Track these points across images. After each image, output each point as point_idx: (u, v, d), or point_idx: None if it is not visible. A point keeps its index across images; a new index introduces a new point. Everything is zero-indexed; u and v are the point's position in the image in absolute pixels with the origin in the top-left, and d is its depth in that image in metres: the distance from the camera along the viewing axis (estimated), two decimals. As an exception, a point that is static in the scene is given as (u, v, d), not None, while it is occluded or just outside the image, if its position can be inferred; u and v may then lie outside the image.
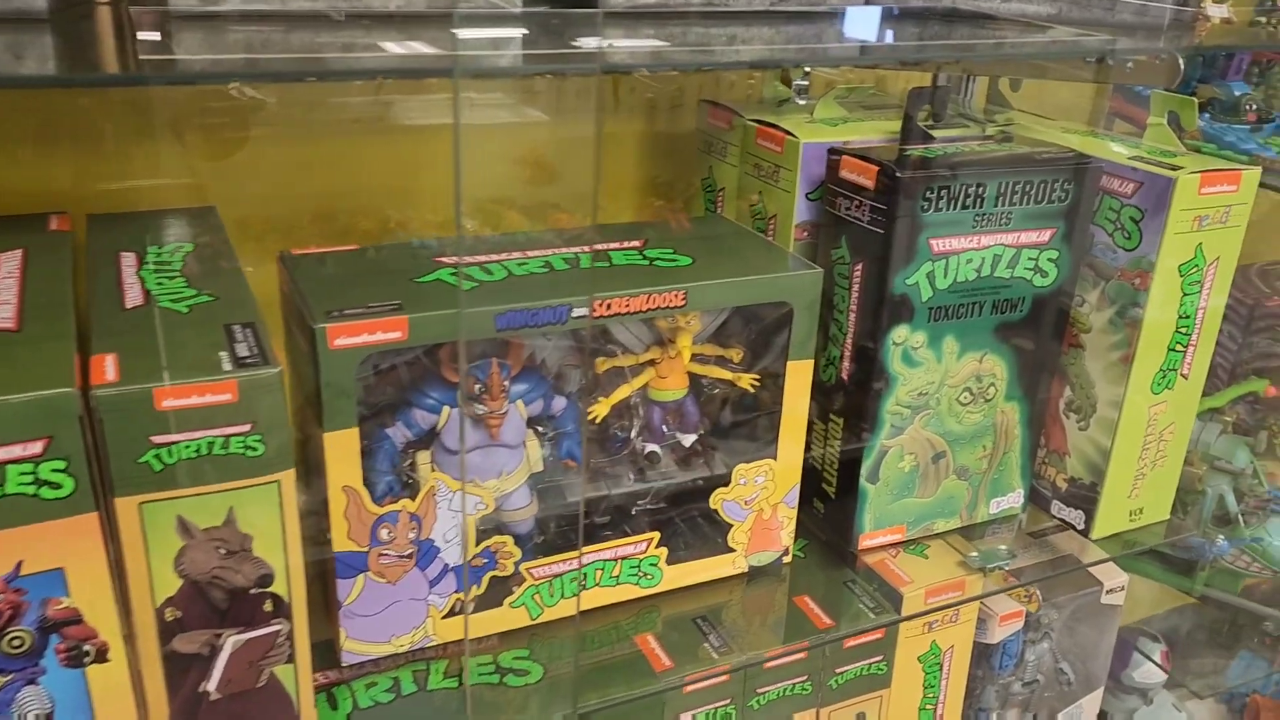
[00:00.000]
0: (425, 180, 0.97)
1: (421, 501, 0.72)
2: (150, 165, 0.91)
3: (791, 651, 0.84)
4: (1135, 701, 1.34)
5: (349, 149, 0.95)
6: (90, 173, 0.87)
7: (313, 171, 0.93)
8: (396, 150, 0.96)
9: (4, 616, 0.57)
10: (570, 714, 0.75)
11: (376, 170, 0.96)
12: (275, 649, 0.65)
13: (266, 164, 0.92)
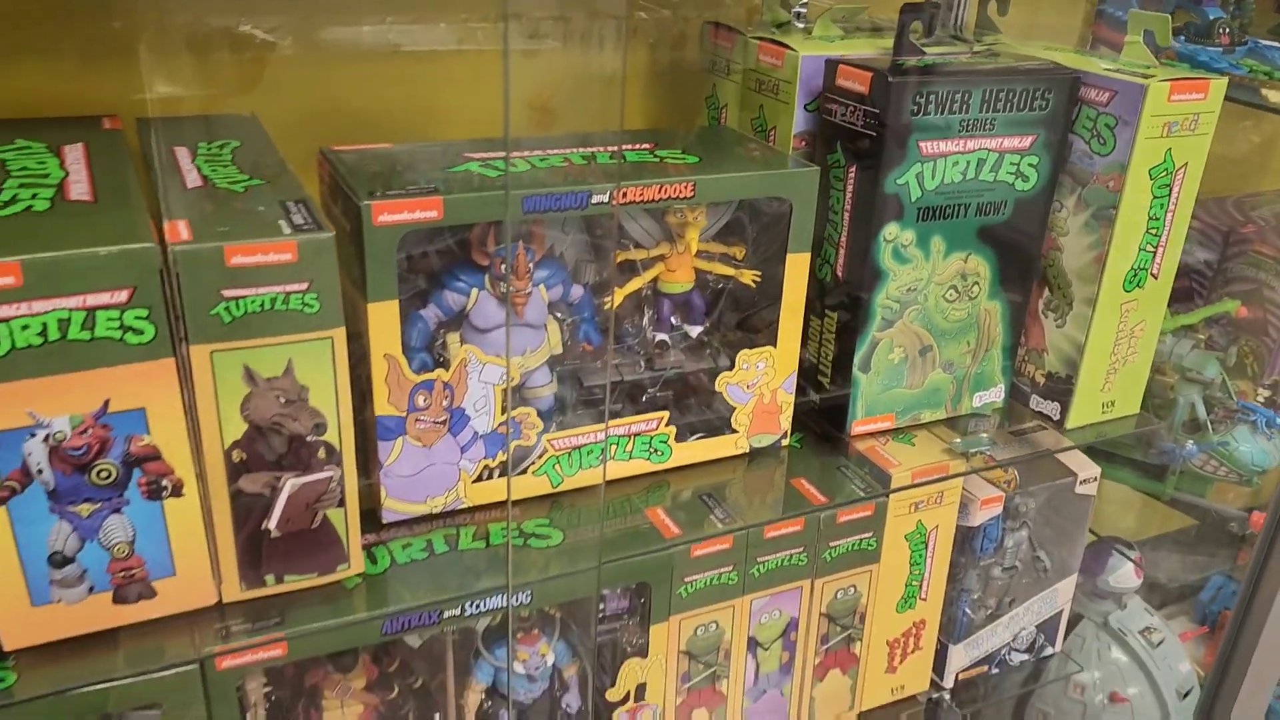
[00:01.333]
0: (447, 98, 1.04)
1: (454, 372, 0.80)
2: (187, 79, 0.97)
3: (789, 523, 0.92)
4: (1110, 606, 1.42)
5: (372, 71, 1.01)
6: (129, 85, 0.93)
7: (337, 89, 0.99)
8: (415, 72, 1.02)
9: (93, 450, 0.65)
10: (595, 567, 0.82)
11: (398, 91, 1.02)
12: (328, 493, 0.73)
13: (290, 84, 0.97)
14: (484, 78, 1.03)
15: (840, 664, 1.03)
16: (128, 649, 0.71)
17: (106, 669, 0.70)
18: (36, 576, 0.66)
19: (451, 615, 0.80)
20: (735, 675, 0.97)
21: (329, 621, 0.75)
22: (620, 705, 0.92)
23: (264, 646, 0.74)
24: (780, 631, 0.98)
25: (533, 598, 0.83)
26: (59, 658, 0.70)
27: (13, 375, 0.61)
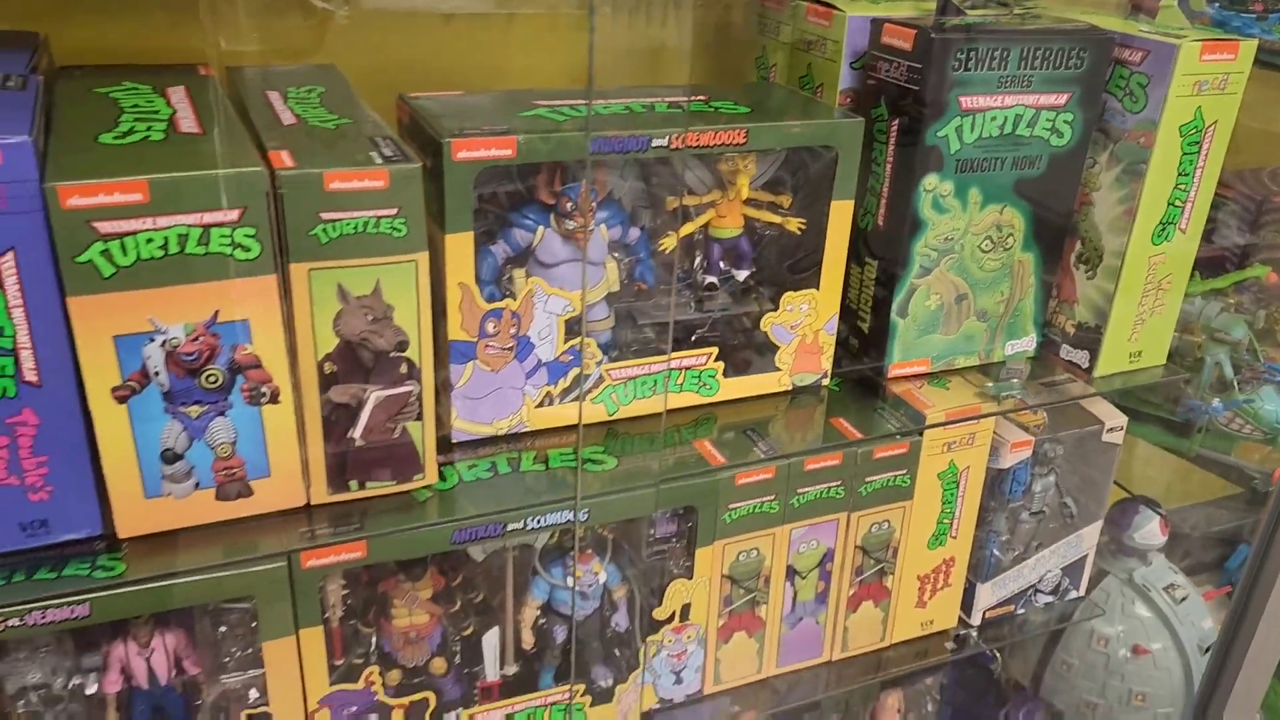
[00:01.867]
0: (514, 62, 1.10)
1: (522, 302, 0.86)
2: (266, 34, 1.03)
3: (828, 456, 0.98)
4: (1134, 562, 1.46)
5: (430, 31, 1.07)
6: (214, 38, 0.99)
7: (398, 49, 1.05)
8: (470, 34, 1.08)
9: (203, 356, 0.71)
10: (654, 483, 0.88)
11: (455, 50, 1.08)
12: (408, 406, 0.79)
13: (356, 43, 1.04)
14: (533, 39, 1.09)
15: (873, 596, 1.08)
16: (225, 544, 0.78)
17: (205, 561, 0.77)
18: (150, 471, 0.73)
19: (514, 529, 0.87)
20: (774, 601, 1.03)
21: (404, 527, 0.82)
22: (666, 624, 0.98)
23: (346, 547, 0.81)
24: (817, 561, 1.03)
25: (591, 515, 0.89)
26: (163, 550, 0.77)
27: (136, 285, 0.68)
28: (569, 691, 0.98)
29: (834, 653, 1.10)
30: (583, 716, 0.99)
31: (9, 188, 0.63)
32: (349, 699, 0.88)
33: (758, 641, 1.05)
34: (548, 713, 0.98)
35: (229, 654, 0.86)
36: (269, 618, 0.81)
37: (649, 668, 1.00)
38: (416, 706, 0.92)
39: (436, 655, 0.94)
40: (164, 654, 0.83)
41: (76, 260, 0.66)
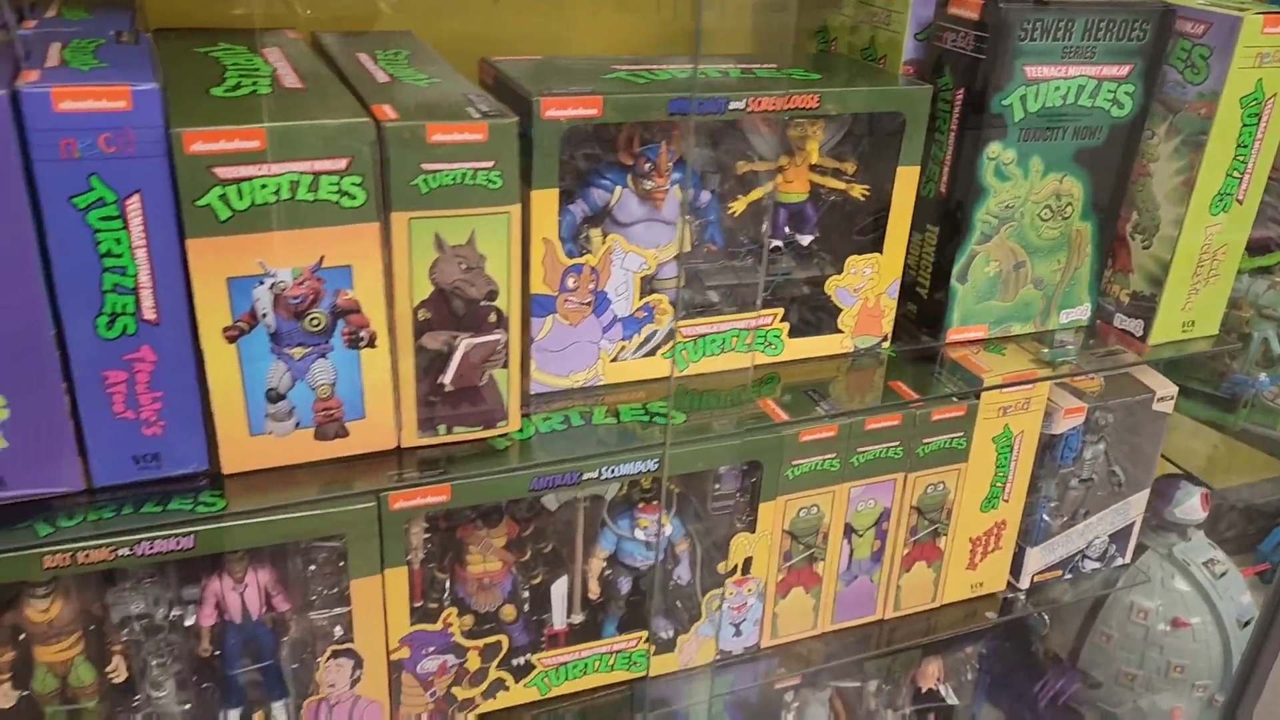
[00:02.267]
0: (577, 34, 1.13)
1: (601, 258, 0.89)
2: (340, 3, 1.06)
3: (887, 417, 1.00)
4: (1174, 538, 1.48)
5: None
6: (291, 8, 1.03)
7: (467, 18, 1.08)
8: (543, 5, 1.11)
9: (308, 299, 0.75)
10: (717, 436, 0.91)
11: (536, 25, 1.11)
12: (495, 354, 0.83)
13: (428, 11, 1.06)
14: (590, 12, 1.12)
15: (926, 556, 1.11)
16: (319, 483, 0.82)
17: (301, 498, 0.81)
18: (255, 409, 0.77)
19: (590, 478, 0.90)
20: (831, 558, 1.06)
21: (486, 470, 0.86)
22: (729, 577, 1.01)
23: (431, 490, 0.84)
24: (874, 520, 1.06)
25: (660, 465, 0.93)
26: (261, 487, 0.81)
27: (250, 229, 0.71)
28: (635, 639, 1.01)
29: (886, 611, 1.13)
30: (646, 664, 1.03)
31: (137, 133, 0.67)
32: (428, 639, 0.92)
33: (814, 597, 1.08)
34: (613, 659, 1.01)
35: (316, 592, 0.89)
36: (358, 556, 0.85)
37: (710, 620, 1.03)
38: (490, 649, 0.95)
39: (507, 602, 0.98)
40: (256, 590, 0.87)
41: (196, 203, 0.69)
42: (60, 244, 0.67)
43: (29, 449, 0.72)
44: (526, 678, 0.98)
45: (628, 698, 1.03)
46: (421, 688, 0.93)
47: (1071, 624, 1.54)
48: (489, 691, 0.97)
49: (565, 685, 1.00)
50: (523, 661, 0.98)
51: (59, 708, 0.84)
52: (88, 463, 0.75)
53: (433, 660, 0.93)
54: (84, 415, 0.73)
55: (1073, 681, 1.53)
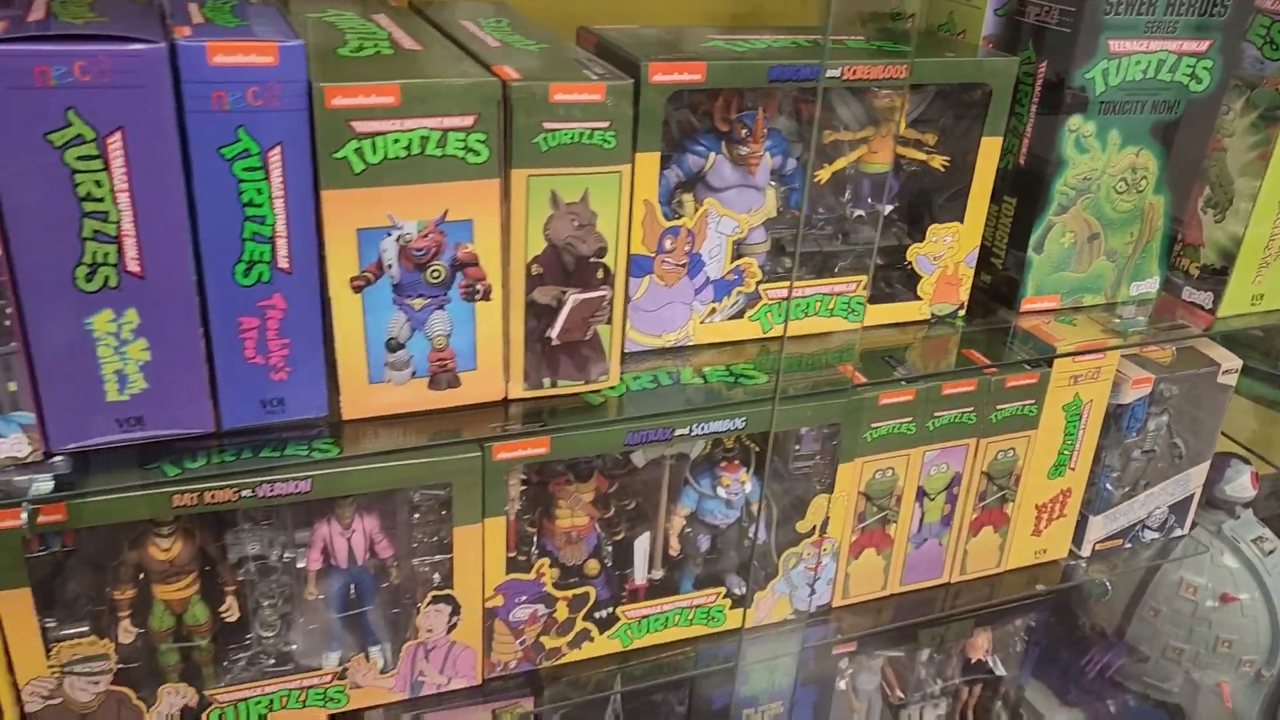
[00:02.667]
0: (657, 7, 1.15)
1: (697, 221, 0.92)
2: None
3: (963, 383, 1.03)
4: (1222, 516, 1.50)
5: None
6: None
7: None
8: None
9: (431, 252, 0.78)
10: (802, 392, 0.94)
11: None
12: (600, 310, 0.86)
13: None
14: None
15: (993, 522, 1.14)
16: (430, 432, 0.85)
17: (412, 445, 0.84)
18: (375, 358, 0.80)
19: (681, 434, 0.93)
20: (903, 521, 1.09)
21: (584, 425, 0.89)
22: (806, 537, 1.05)
23: (533, 442, 0.88)
24: (945, 484, 1.09)
25: (747, 423, 0.96)
26: (375, 435, 0.84)
27: (381, 182, 0.75)
28: (714, 595, 1.04)
29: (952, 575, 1.16)
30: (723, 618, 1.06)
31: (282, 87, 0.70)
32: (521, 588, 0.95)
33: (884, 559, 1.11)
34: (692, 614, 1.04)
35: (418, 540, 0.93)
36: (461, 505, 0.88)
37: (786, 578, 1.06)
38: (578, 600, 0.99)
39: (591, 557, 1.01)
40: (362, 536, 0.90)
41: (333, 156, 0.72)
42: (206, 193, 0.71)
43: (167, 391, 0.75)
44: (610, 629, 1.01)
45: (704, 652, 1.07)
46: (512, 635, 0.97)
47: (1119, 599, 1.57)
48: (575, 641, 1.00)
49: (646, 638, 1.04)
50: (607, 614, 1.01)
51: (172, 645, 0.88)
52: (218, 406, 0.78)
53: (524, 609, 0.96)
54: (217, 360, 0.76)
55: (1120, 655, 1.55)
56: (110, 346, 0.72)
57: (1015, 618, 1.43)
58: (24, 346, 0.71)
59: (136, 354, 0.73)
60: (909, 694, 1.40)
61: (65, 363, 0.72)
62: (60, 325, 0.71)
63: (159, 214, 0.70)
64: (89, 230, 0.69)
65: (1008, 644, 1.46)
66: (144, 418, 0.76)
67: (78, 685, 0.84)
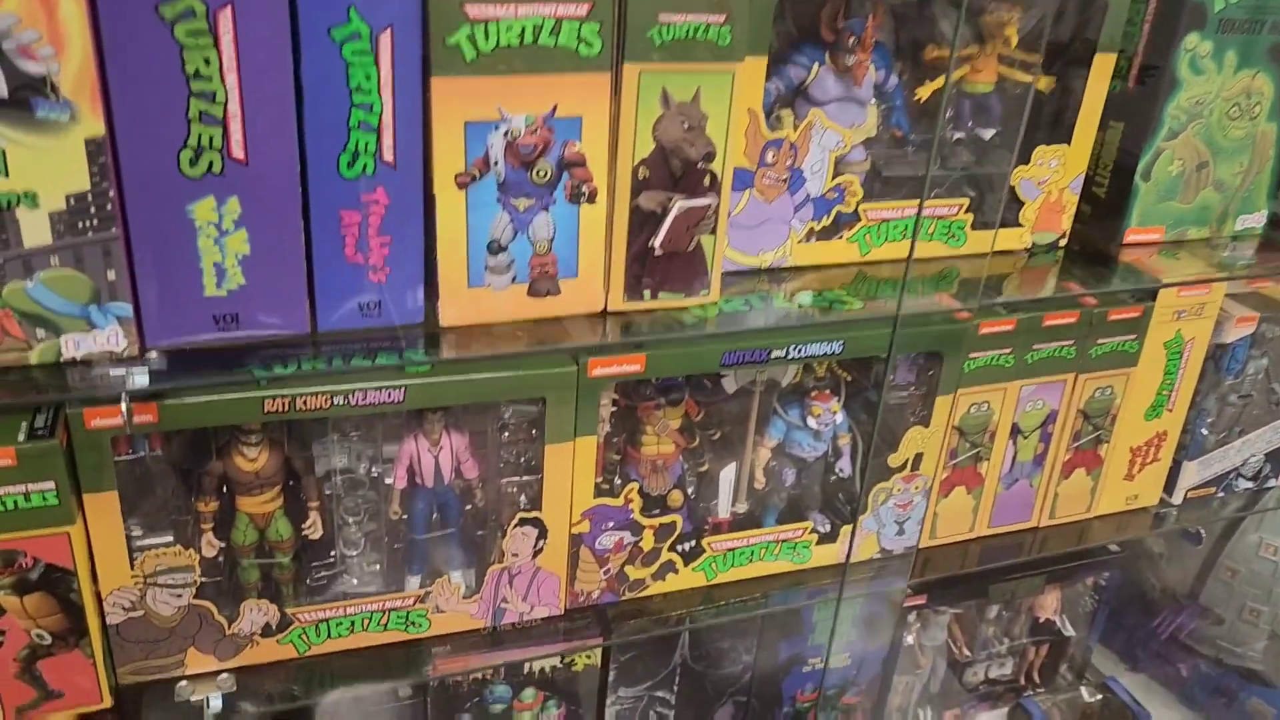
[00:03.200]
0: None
1: (800, 133, 0.88)
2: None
3: (1065, 314, 0.99)
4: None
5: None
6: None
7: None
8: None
9: (538, 149, 0.75)
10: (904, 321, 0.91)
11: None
12: (706, 219, 0.82)
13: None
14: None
15: (1086, 464, 1.10)
16: (526, 343, 0.82)
17: (505, 360, 0.82)
18: (476, 260, 0.77)
19: (778, 356, 0.90)
20: (995, 458, 1.05)
21: (682, 340, 0.86)
22: (897, 472, 1.01)
23: (628, 359, 0.85)
24: (1040, 422, 1.06)
25: (844, 348, 0.92)
26: (471, 346, 0.81)
27: (491, 70, 0.71)
28: (800, 529, 1.01)
29: (1042, 518, 1.12)
30: (809, 555, 1.03)
31: (395, -35, 0.67)
32: (609, 514, 0.92)
33: (974, 499, 1.07)
34: (778, 549, 1.01)
35: (505, 460, 0.90)
36: (554, 421, 0.85)
37: (875, 515, 1.03)
38: (665, 529, 0.96)
39: (675, 488, 0.98)
40: (450, 454, 0.87)
41: (446, 42, 0.69)
42: (315, 76, 0.68)
43: (264, 288, 0.73)
44: (695, 561, 0.98)
45: (785, 587, 1.03)
46: (597, 563, 0.94)
47: (1193, 560, 1.53)
48: (659, 573, 0.98)
49: (731, 572, 1.01)
50: (692, 545, 0.99)
51: (254, 561, 0.86)
52: (314, 306, 0.76)
53: (610, 536, 0.94)
54: (317, 256, 0.73)
55: (1193, 617, 1.51)
56: (211, 237, 0.70)
57: (1086, 575, 1.40)
58: (124, 233, 0.68)
59: (237, 246, 0.71)
60: (975, 651, 1.37)
61: (165, 252, 0.69)
62: (162, 211, 0.68)
63: (266, 96, 0.67)
64: (195, 110, 0.66)
65: (1076, 603, 1.42)
66: (240, 315, 0.73)
67: (160, 598, 0.81)
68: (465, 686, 1.05)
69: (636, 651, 1.13)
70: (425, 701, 1.05)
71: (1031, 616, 1.38)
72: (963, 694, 1.38)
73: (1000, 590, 1.32)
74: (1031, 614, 1.38)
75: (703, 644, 1.17)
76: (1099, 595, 1.43)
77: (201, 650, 0.84)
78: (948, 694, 1.36)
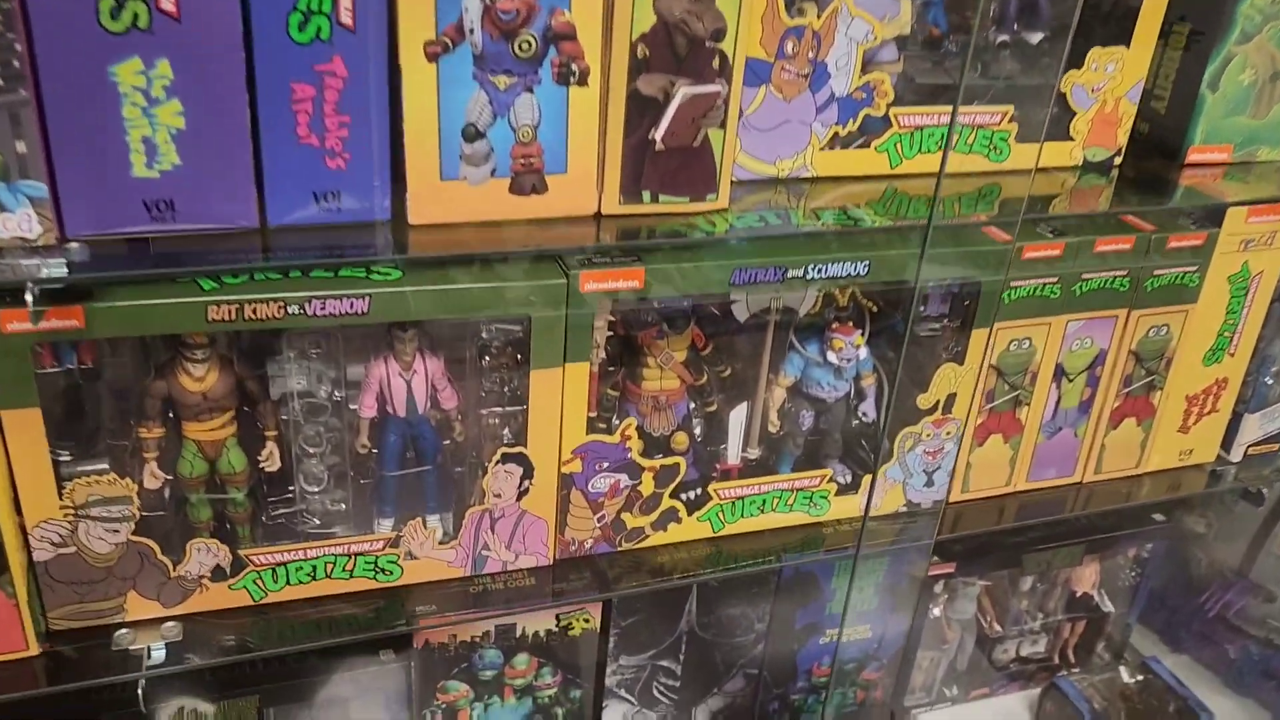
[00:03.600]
0: None
1: (824, 21, 0.78)
2: None
3: (1119, 239, 0.89)
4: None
5: None
6: None
7: None
8: None
9: (520, 16, 0.65)
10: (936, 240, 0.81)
11: None
12: (714, 110, 0.72)
13: None
14: None
15: (1137, 413, 0.99)
16: (510, 248, 0.72)
17: (489, 261, 0.72)
18: (449, 148, 0.67)
19: (794, 276, 0.80)
20: (1037, 403, 0.95)
21: (685, 257, 0.76)
22: (927, 415, 0.91)
23: (625, 273, 0.75)
24: (1088, 363, 0.95)
25: (870, 270, 0.82)
26: (445, 248, 0.71)
27: (464, -83, 0.62)
28: (818, 478, 0.91)
29: (1086, 473, 1.01)
30: (827, 506, 0.93)
31: None
32: (604, 452, 0.82)
33: (1012, 449, 0.97)
34: (793, 498, 0.91)
35: (488, 388, 0.81)
36: (541, 343, 0.75)
37: (900, 463, 0.93)
38: (666, 473, 0.86)
39: (680, 429, 0.88)
40: (424, 379, 0.78)
41: (410, -124, 0.60)
42: (256, -88, 0.58)
43: (203, 170, 0.63)
44: (701, 510, 0.88)
45: (800, 541, 0.93)
46: (590, 509, 0.84)
47: (1242, 534, 1.42)
48: (660, 522, 0.88)
49: (741, 523, 0.91)
50: (697, 493, 0.89)
51: (204, 496, 0.76)
52: (263, 197, 0.66)
53: (605, 479, 0.84)
54: (265, 135, 0.64)
55: (1243, 594, 1.40)
56: (138, 106, 0.60)
57: (1128, 546, 1.29)
58: (35, 98, 0.59)
59: (169, 118, 0.61)
60: (1006, 626, 1.27)
61: (85, 122, 0.60)
62: (80, 72, 0.58)
63: (198, -64, 0.57)
64: (114, -51, 0.56)
65: (1116, 577, 1.32)
66: (176, 204, 0.64)
67: (94, 532, 0.72)
68: (452, 650, 0.95)
69: (639, 616, 1.04)
70: (409, 666, 0.95)
71: (1068, 590, 1.28)
72: (992, 672, 1.27)
73: (1035, 560, 1.21)
74: (1068, 587, 1.27)
75: (711, 609, 1.08)
76: (1140, 568, 1.32)
77: (143, 594, 0.75)
78: (976, 671, 1.26)
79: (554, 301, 0.74)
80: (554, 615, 0.95)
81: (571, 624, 0.99)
